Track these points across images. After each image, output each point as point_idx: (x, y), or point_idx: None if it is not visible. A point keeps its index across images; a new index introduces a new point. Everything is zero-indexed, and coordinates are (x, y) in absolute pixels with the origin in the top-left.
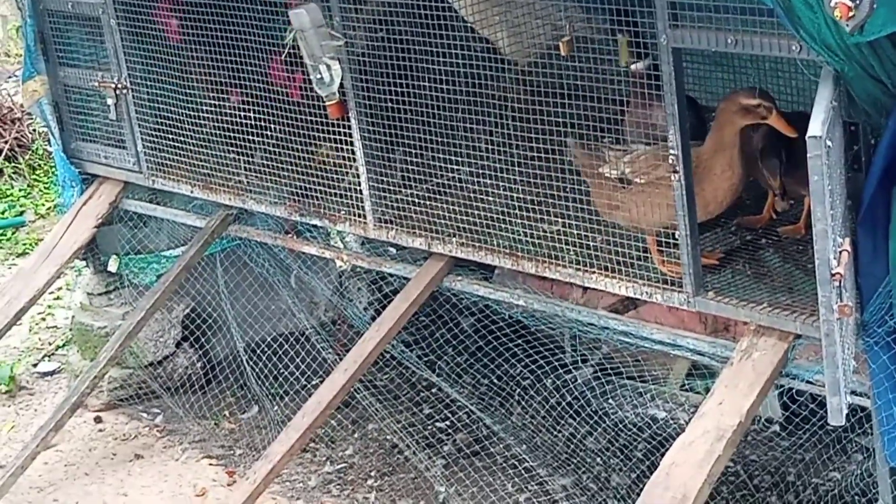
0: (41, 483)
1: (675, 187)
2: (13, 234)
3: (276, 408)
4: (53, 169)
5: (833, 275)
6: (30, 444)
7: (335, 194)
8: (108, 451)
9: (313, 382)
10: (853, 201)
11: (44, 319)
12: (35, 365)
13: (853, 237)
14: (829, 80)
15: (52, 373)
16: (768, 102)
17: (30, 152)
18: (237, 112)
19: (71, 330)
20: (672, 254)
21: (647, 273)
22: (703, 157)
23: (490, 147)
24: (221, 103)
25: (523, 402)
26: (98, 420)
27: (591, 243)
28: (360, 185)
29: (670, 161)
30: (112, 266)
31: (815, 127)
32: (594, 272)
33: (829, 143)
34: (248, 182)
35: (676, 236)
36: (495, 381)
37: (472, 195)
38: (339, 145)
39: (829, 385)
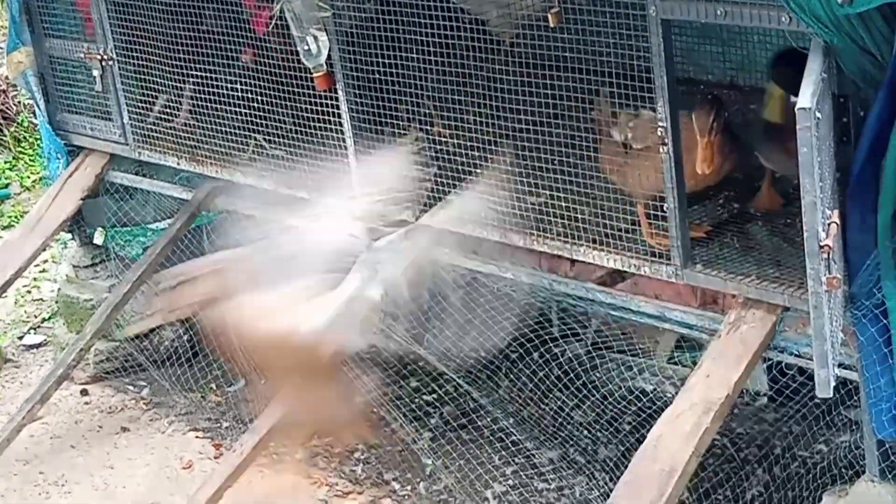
0: (27, 456)
1: (664, 159)
2: None
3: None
4: (38, 141)
5: (822, 247)
6: (15, 416)
7: (323, 167)
8: (94, 423)
9: None
10: (842, 174)
11: (29, 292)
12: (21, 337)
13: (842, 209)
14: (819, 52)
15: (37, 345)
16: (701, 125)
17: (14, 124)
18: (226, 82)
19: (57, 302)
20: (661, 226)
21: (635, 245)
22: (688, 133)
23: (478, 118)
24: (207, 74)
25: (511, 376)
26: (84, 393)
27: (579, 216)
28: (347, 157)
29: (659, 133)
30: (98, 238)
31: (805, 99)
32: (582, 245)
33: (818, 114)
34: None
35: (665, 208)
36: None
37: (460, 167)
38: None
39: (817, 358)
